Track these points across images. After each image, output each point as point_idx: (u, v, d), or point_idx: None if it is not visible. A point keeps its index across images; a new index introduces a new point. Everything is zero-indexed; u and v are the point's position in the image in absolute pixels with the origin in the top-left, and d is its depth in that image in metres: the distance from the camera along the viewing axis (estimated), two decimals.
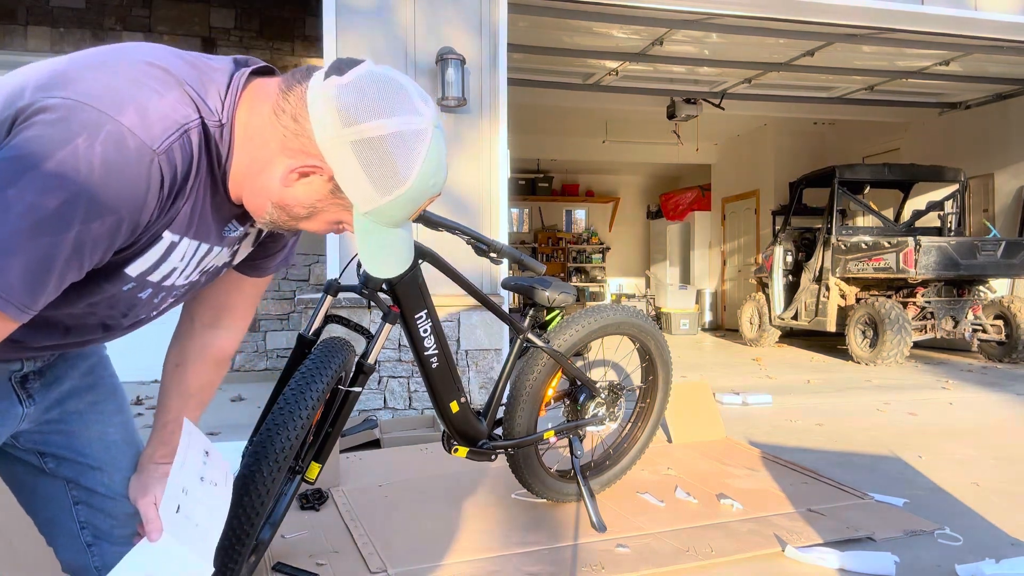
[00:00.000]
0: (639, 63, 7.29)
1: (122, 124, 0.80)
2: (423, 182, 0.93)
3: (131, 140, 0.81)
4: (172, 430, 1.20)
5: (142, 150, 0.81)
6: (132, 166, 0.81)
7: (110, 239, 0.84)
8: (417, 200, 0.95)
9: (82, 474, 1.16)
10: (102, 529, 1.18)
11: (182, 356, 1.21)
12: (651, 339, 2.72)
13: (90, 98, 0.80)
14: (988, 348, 7.41)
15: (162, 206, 0.88)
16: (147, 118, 0.82)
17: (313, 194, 0.95)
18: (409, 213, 0.96)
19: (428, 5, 4.49)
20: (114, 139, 0.79)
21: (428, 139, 0.92)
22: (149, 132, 0.82)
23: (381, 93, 0.91)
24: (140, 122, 0.82)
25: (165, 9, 6.04)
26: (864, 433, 4.01)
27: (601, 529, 2.42)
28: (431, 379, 2.20)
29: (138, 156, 0.81)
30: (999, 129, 8.44)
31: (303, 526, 2.46)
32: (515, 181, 13.14)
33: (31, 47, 5.77)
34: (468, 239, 2.14)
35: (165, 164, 0.84)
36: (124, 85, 0.83)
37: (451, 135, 4.53)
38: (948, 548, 2.32)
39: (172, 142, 0.85)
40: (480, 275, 4.46)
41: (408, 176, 0.91)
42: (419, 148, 0.91)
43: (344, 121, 0.89)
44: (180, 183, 0.88)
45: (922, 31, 6.09)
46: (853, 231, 8.09)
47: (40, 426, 1.13)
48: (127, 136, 0.80)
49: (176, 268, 0.99)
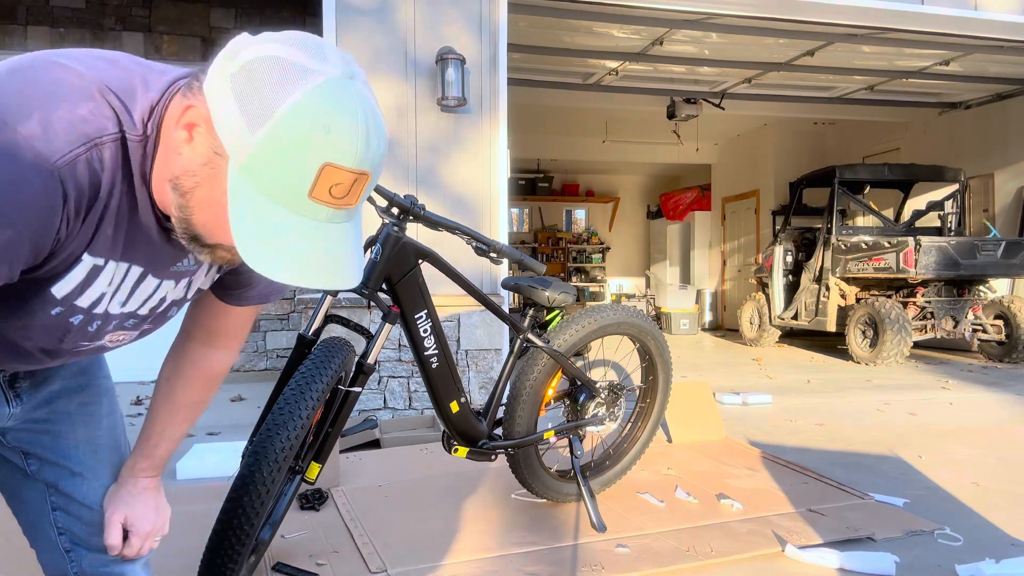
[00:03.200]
0: (639, 63, 7.29)
1: (19, 134, 0.74)
2: (300, 124, 0.75)
3: (28, 152, 0.74)
4: (156, 443, 1.18)
5: (39, 162, 0.75)
6: (27, 179, 0.74)
7: (9, 254, 0.77)
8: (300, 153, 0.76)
9: (62, 479, 1.15)
10: (79, 536, 1.18)
11: (174, 371, 1.19)
12: (651, 339, 2.72)
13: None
14: (988, 348, 7.41)
15: (69, 224, 0.80)
16: (51, 129, 0.76)
17: (197, 155, 0.81)
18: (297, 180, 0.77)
19: (428, 5, 4.49)
20: (8, 150, 0.73)
21: (314, 79, 0.76)
22: (50, 144, 0.75)
23: (286, 33, 0.80)
24: (41, 133, 0.75)
25: (165, 9, 6.04)
26: (864, 433, 4.01)
27: (601, 529, 2.42)
28: (431, 379, 2.20)
29: (35, 169, 0.74)
30: (999, 129, 8.44)
31: (303, 526, 2.46)
32: (515, 181, 13.14)
33: (31, 47, 5.77)
34: (468, 239, 2.14)
35: (68, 178, 0.77)
36: (34, 93, 0.77)
37: (451, 135, 4.53)
38: (948, 548, 2.32)
39: (77, 155, 0.77)
40: (480, 275, 4.46)
41: (275, 105, 0.75)
42: (297, 82, 0.75)
43: (229, 55, 0.79)
44: (89, 200, 0.81)
45: (922, 31, 6.09)
46: (853, 231, 8.09)
47: (27, 424, 1.12)
48: (23, 147, 0.74)
49: (105, 294, 0.92)
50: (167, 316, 1.07)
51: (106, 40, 5.90)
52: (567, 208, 14.97)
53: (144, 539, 1.18)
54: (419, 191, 4.41)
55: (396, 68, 4.44)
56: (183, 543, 1.93)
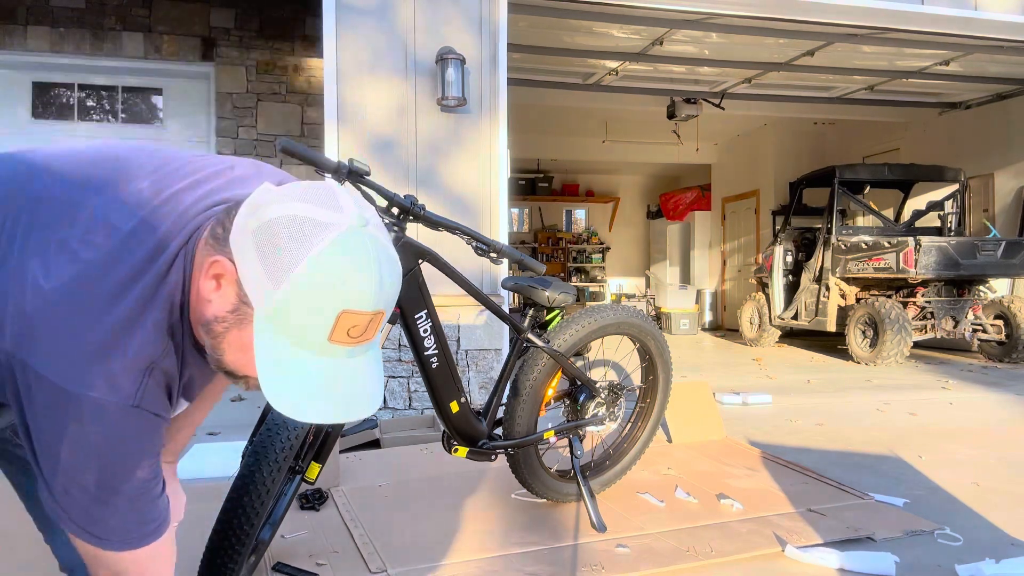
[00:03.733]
0: (639, 63, 7.29)
1: (93, 398, 0.85)
2: (317, 279, 0.81)
3: (109, 408, 0.86)
4: (179, 428, 1.23)
5: (123, 410, 0.87)
6: (124, 424, 0.88)
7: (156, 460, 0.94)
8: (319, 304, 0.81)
9: None
10: None
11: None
12: (651, 339, 2.72)
13: (60, 374, 0.85)
14: (988, 348, 7.41)
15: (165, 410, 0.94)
16: (115, 382, 0.87)
17: (225, 303, 0.87)
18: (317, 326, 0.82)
19: (428, 5, 4.49)
20: (96, 413, 0.86)
21: (332, 234, 0.82)
22: (120, 393, 0.87)
23: (303, 188, 0.87)
24: (109, 388, 0.86)
25: (165, 9, 6.05)
26: (864, 433, 4.01)
27: (601, 529, 2.42)
28: (431, 379, 2.20)
29: (123, 415, 0.87)
30: (999, 129, 8.44)
31: (303, 526, 2.46)
32: (515, 181, 13.14)
33: (31, 47, 5.77)
34: (468, 239, 2.14)
35: (150, 403, 0.90)
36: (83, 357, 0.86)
37: (451, 135, 4.53)
38: (948, 548, 2.32)
39: (146, 384, 0.89)
40: (480, 275, 4.46)
41: (293, 263, 0.81)
42: (314, 237, 0.81)
43: (251, 211, 0.85)
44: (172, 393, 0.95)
45: (922, 31, 6.09)
46: (853, 231, 8.09)
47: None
48: (103, 406, 0.86)
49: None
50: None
51: (106, 40, 5.90)
52: (567, 208, 14.97)
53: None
54: (419, 191, 4.41)
55: (396, 68, 4.44)
56: (183, 543, 1.92)
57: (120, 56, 5.97)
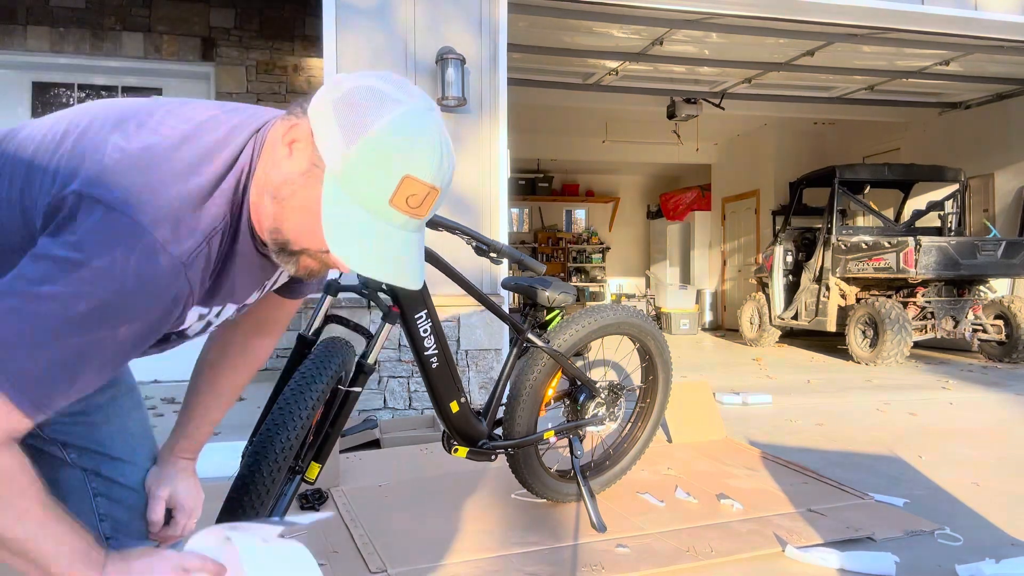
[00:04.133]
0: (639, 63, 7.29)
1: (156, 240, 0.85)
2: (388, 141, 0.88)
3: (163, 256, 0.86)
4: (198, 425, 1.27)
5: (172, 264, 0.87)
6: (163, 279, 0.86)
7: (138, 342, 0.89)
8: (386, 165, 0.88)
9: (103, 465, 1.18)
10: (121, 521, 1.19)
11: (220, 357, 1.28)
12: (651, 339, 2.72)
13: (132, 207, 0.85)
14: (988, 348, 7.40)
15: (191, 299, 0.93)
16: (179, 233, 0.87)
17: (297, 166, 0.93)
18: (381, 187, 0.89)
19: (428, 4, 4.49)
20: (148, 253, 0.85)
21: (403, 107, 0.90)
22: (180, 246, 0.87)
23: (379, 73, 0.95)
24: (173, 237, 0.87)
25: (165, 9, 6.04)
26: (864, 433, 4.01)
27: (601, 529, 2.42)
28: (431, 379, 2.19)
29: (169, 270, 0.86)
30: (999, 129, 8.43)
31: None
32: (515, 181, 13.13)
33: (31, 47, 5.77)
34: (468, 239, 2.14)
35: (192, 271, 0.90)
36: (162, 199, 0.87)
37: (451, 135, 4.49)
38: (948, 548, 2.32)
39: (200, 251, 0.90)
40: (480, 275, 4.46)
41: (368, 125, 0.88)
42: (389, 107, 0.90)
43: (332, 86, 0.93)
44: (208, 275, 0.94)
45: (922, 31, 6.09)
46: (853, 231, 8.09)
47: (64, 416, 1.14)
48: (160, 252, 0.85)
49: (212, 323, 1.07)
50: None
51: (106, 40, 5.90)
52: (567, 208, 14.97)
53: (189, 516, 1.23)
54: None
55: (396, 68, 4.43)
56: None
57: (120, 56, 5.97)
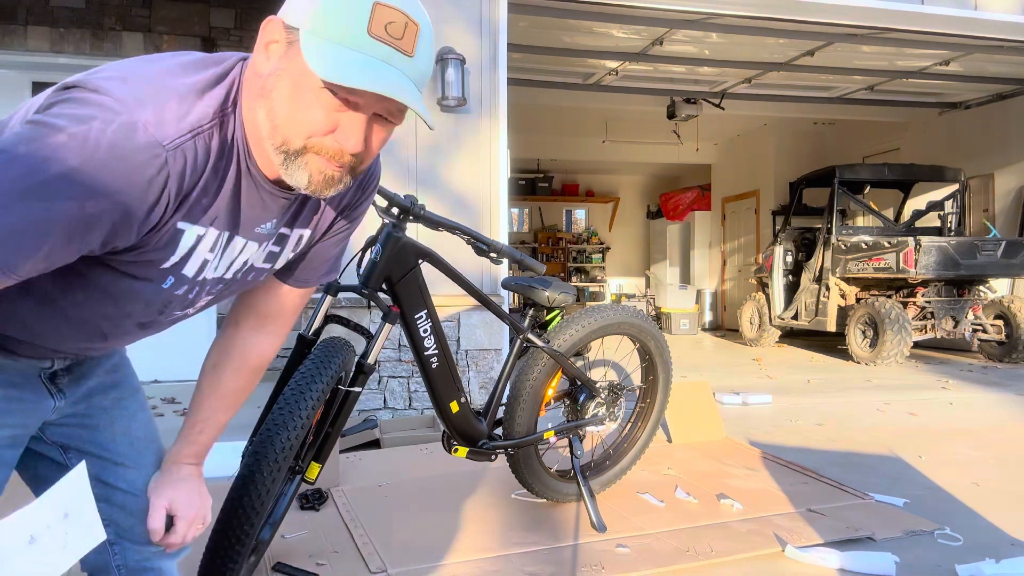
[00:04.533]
0: (639, 63, 7.29)
1: (137, 119, 0.83)
2: None
3: (142, 134, 0.83)
4: (201, 429, 1.22)
5: (151, 144, 0.83)
6: (138, 155, 0.82)
7: (105, 223, 0.84)
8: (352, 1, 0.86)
9: (104, 469, 1.17)
10: (123, 527, 1.19)
11: (222, 357, 1.23)
12: (651, 339, 2.72)
13: (117, 93, 0.83)
14: (988, 348, 7.40)
15: (170, 204, 0.89)
16: (163, 118, 0.85)
17: (275, 57, 0.90)
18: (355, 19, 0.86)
19: (428, 4, 4.44)
20: (127, 128, 0.82)
21: None
22: (162, 130, 0.84)
23: None
24: (156, 120, 0.84)
25: (165, 9, 6.04)
26: (864, 433, 4.01)
27: (601, 529, 2.42)
28: (431, 379, 2.20)
29: (146, 147, 0.83)
30: (999, 129, 8.44)
31: (303, 526, 2.46)
32: (515, 181, 13.13)
33: (31, 47, 5.76)
34: (468, 239, 2.14)
35: (173, 161, 0.86)
36: (151, 88, 0.86)
37: (451, 135, 4.53)
38: (948, 548, 2.32)
39: (183, 142, 0.86)
40: (480, 275, 4.46)
41: None
42: None
43: None
44: (192, 181, 0.90)
45: (922, 31, 6.09)
46: (853, 231, 8.08)
47: (66, 419, 1.14)
48: (140, 130, 0.82)
49: (207, 261, 1.00)
50: (245, 283, 1.12)
51: (106, 40, 5.90)
52: (567, 208, 14.96)
53: (189, 524, 1.19)
54: (419, 191, 4.41)
55: None
56: None
57: (120, 56, 5.97)
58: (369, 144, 0.93)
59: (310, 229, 1.12)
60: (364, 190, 1.17)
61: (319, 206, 1.11)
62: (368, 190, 1.18)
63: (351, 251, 1.80)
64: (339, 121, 0.89)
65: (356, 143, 0.90)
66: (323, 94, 0.87)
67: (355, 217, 1.19)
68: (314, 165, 0.92)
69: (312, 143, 0.90)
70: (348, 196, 1.14)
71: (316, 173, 0.92)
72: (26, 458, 1.16)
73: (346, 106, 0.89)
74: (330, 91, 0.87)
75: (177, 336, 1.28)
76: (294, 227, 1.09)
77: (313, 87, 0.87)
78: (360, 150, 0.92)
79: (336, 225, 1.17)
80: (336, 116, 0.89)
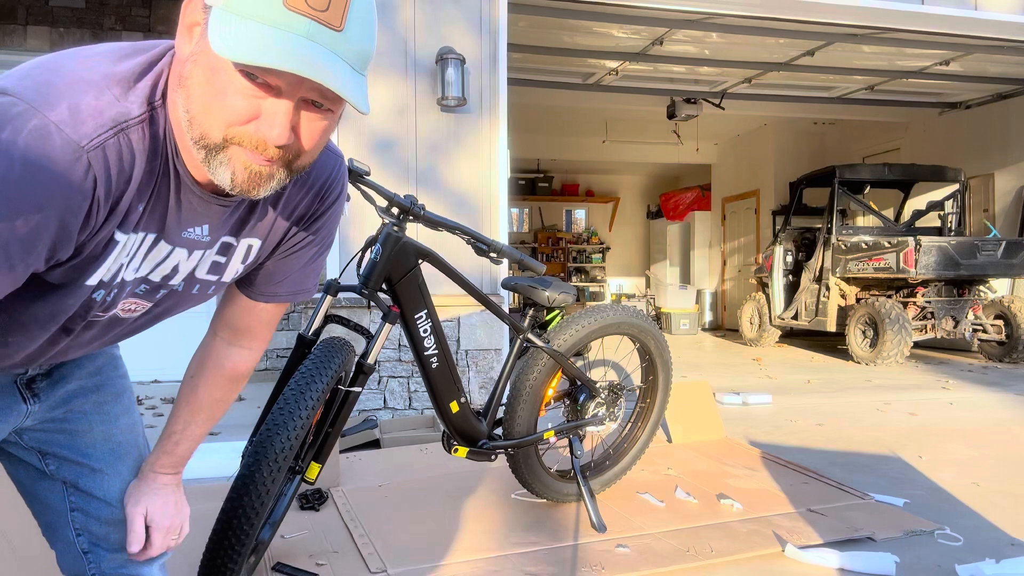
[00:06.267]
0: (639, 63, 7.29)
1: (49, 120, 0.75)
2: None
3: (57, 136, 0.75)
4: (177, 440, 1.19)
5: (68, 146, 0.76)
6: (57, 163, 0.75)
7: (41, 240, 0.78)
8: None
9: (81, 477, 1.15)
10: (98, 535, 1.17)
11: (198, 369, 1.20)
12: (651, 339, 2.72)
13: (24, 92, 0.76)
14: (988, 348, 7.41)
15: (100, 207, 0.82)
16: (78, 115, 0.77)
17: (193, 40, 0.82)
18: None
19: (428, 4, 4.48)
20: (38, 134, 0.75)
21: None
22: (78, 130, 0.77)
23: None
24: (70, 119, 0.77)
25: (165, 9, 6.04)
26: (864, 433, 4.01)
27: (601, 529, 2.42)
28: (431, 379, 2.20)
29: (63, 152, 0.76)
30: (999, 129, 8.44)
31: (303, 526, 2.46)
32: (515, 181, 13.14)
33: (31, 47, 5.76)
34: (468, 239, 2.14)
35: (97, 162, 0.78)
36: (62, 83, 0.79)
37: (451, 135, 4.53)
38: (948, 548, 2.32)
39: (105, 139, 0.79)
40: (480, 275, 4.46)
41: None
42: None
43: None
44: (121, 184, 0.83)
45: (922, 31, 6.09)
46: (853, 231, 8.09)
47: (44, 424, 1.12)
48: (53, 132, 0.75)
49: (123, 264, 0.92)
50: (187, 295, 1.04)
51: (106, 40, 5.90)
52: (567, 208, 14.97)
53: (165, 535, 1.18)
54: (419, 191, 4.41)
55: (396, 68, 4.43)
56: (183, 543, 1.92)
57: None
58: (299, 134, 0.83)
59: (260, 239, 1.04)
60: (323, 199, 1.07)
61: (267, 213, 1.02)
62: (328, 200, 1.08)
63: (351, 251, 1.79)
64: (261, 108, 0.80)
65: (280, 133, 0.80)
66: (238, 78, 0.78)
67: (317, 230, 1.10)
68: (238, 160, 0.83)
69: (232, 133, 0.81)
70: (302, 205, 1.05)
71: (240, 169, 0.83)
72: (6, 463, 1.16)
73: (267, 91, 0.79)
74: (247, 75, 0.78)
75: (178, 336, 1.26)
76: (240, 236, 1.02)
77: (228, 71, 0.78)
78: (286, 141, 0.81)
79: (293, 237, 1.08)
80: (257, 103, 0.80)
